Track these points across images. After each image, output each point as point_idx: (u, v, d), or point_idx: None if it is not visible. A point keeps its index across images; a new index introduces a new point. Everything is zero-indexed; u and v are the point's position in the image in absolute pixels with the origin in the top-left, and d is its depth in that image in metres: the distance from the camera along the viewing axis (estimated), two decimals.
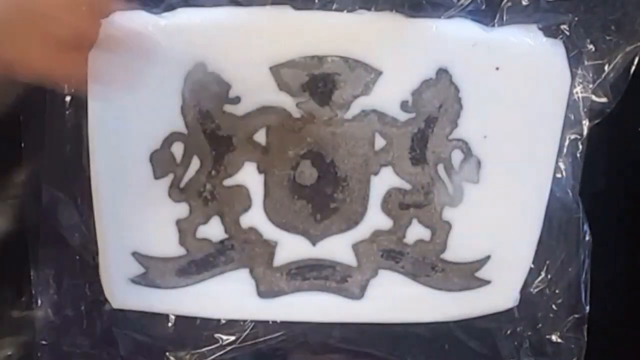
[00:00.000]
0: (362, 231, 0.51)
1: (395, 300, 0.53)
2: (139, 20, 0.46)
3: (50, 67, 0.41)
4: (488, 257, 0.52)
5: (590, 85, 0.48)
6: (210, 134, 0.48)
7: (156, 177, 0.49)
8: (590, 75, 0.48)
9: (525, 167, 0.50)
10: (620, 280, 0.55)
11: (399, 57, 0.47)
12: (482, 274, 0.52)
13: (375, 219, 0.51)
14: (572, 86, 0.48)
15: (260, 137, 0.49)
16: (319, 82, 0.48)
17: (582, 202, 0.52)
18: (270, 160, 0.49)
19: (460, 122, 0.49)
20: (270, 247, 0.51)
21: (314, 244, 0.51)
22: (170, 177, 0.49)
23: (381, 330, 0.53)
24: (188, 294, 0.51)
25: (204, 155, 0.49)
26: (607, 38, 0.48)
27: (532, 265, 0.53)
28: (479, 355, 0.55)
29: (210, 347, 0.52)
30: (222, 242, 0.50)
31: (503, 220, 0.51)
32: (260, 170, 0.49)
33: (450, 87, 0.48)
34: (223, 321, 0.52)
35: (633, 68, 0.48)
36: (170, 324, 0.53)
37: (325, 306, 0.53)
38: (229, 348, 0.53)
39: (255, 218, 0.50)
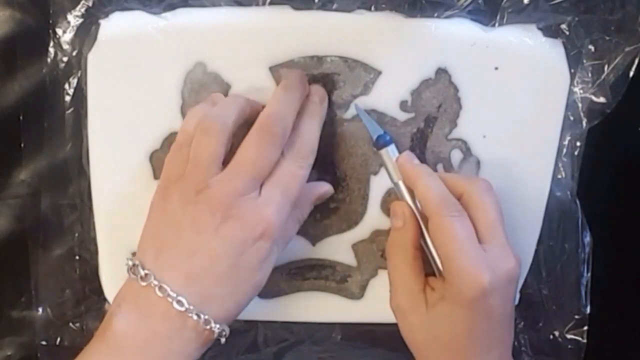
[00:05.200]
0: (362, 231, 0.51)
1: None
2: (138, 20, 0.46)
3: None
4: None
5: (590, 86, 0.48)
6: None
7: (156, 177, 0.49)
8: (590, 75, 0.48)
9: (525, 167, 0.50)
10: (620, 280, 0.55)
11: (398, 57, 0.47)
12: None
13: (375, 219, 0.51)
14: (572, 86, 0.48)
15: None
16: (318, 82, 0.47)
17: (581, 202, 0.51)
18: None
19: (460, 122, 0.49)
20: None
21: (313, 243, 0.51)
22: None
23: (381, 330, 0.53)
24: None
25: None
26: (607, 38, 0.48)
27: (532, 265, 0.53)
28: None
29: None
30: None
31: None
32: None
33: (450, 87, 0.48)
34: None
35: (633, 69, 0.48)
36: None
37: (325, 306, 0.53)
38: (228, 348, 0.53)
39: None
